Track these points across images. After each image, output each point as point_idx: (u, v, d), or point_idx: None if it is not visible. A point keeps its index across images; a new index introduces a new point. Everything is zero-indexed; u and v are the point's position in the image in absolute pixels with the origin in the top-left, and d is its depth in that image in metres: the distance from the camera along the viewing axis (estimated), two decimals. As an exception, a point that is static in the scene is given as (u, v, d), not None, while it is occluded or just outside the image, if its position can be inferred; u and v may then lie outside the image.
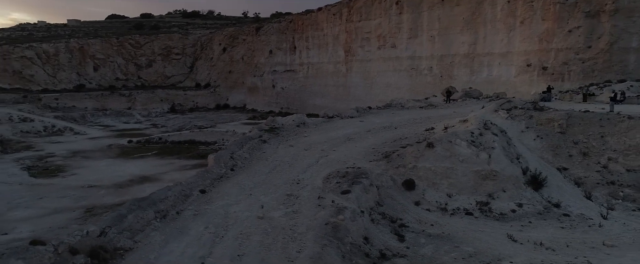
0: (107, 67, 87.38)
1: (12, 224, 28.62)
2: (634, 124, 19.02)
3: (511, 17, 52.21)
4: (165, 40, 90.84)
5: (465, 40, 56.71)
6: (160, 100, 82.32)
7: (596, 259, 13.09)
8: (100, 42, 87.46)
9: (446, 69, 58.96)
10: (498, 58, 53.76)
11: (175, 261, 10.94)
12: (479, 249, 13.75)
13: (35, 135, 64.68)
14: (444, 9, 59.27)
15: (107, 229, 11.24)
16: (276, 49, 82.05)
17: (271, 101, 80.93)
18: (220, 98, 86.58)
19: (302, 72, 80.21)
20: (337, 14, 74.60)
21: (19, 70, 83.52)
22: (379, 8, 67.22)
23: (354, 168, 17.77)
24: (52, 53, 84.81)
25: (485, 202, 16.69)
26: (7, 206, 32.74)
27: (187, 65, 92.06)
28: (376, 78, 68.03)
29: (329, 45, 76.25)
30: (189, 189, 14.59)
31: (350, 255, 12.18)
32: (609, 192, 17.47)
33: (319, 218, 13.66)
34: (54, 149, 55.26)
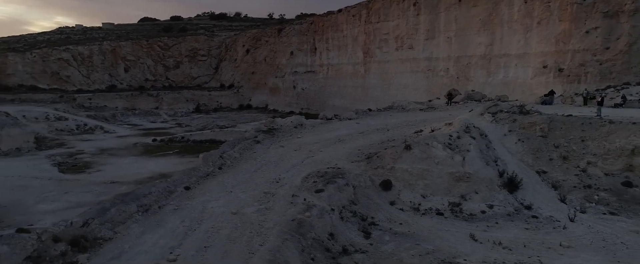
0: (137, 69, 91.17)
1: (38, 216, 31.03)
2: (614, 129, 19.22)
3: (528, 17, 51.77)
4: (191, 42, 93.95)
5: (481, 41, 56.50)
6: (186, 100, 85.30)
7: (548, 259, 13.74)
8: (131, 44, 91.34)
9: (462, 71, 58.86)
10: (514, 59, 53.36)
11: (147, 250, 12.34)
12: (438, 247, 14.63)
13: (68, 133, 68.46)
14: (461, 10, 59.18)
15: (90, 221, 12.60)
16: (297, 50, 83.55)
17: (292, 101, 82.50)
18: (243, 98, 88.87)
19: (322, 73, 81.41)
20: (356, 16, 75.39)
21: (56, 71, 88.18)
22: (397, 9, 67.63)
23: (334, 168, 18.79)
24: (86, 55, 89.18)
25: (457, 203, 17.42)
26: (35, 199, 35.40)
27: (213, 66, 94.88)
28: (393, 79, 68.47)
29: (348, 47, 77.16)
30: (173, 186, 15.95)
31: (310, 249, 13.26)
32: (584, 195, 17.84)
33: (288, 214, 14.83)
34: (84, 147, 58.57)
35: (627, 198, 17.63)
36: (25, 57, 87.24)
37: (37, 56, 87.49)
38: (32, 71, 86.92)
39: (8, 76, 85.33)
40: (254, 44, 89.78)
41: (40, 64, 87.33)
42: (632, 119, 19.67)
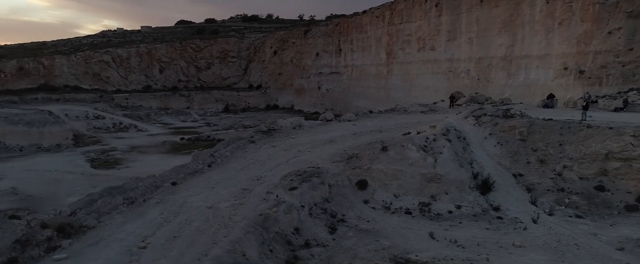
0: (171, 70, 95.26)
1: (66, 207, 33.83)
2: (591, 133, 19.44)
3: (550, 18, 50.94)
4: (222, 44, 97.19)
5: (503, 42, 55.95)
6: (216, 100, 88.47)
7: (496, 257, 14.53)
8: (166, 46, 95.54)
9: (483, 72, 58.42)
10: (536, 61, 52.57)
11: (123, 238, 14.07)
12: (396, 243, 15.67)
13: (105, 131, 72.78)
14: (483, 11, 58.74)
15: (78, 210, 14.44)
16: (322, 51, 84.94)
17: (316, 102, 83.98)
18: (270, 99, 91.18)
19: (347, 74, 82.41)
20: (379, 17, 75.93)
21: (97, 72, 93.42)
22: (419, 10, 67.73)
23: (314, 168, 20.02)
24: (124, 57, 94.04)
25: (427, 203, 18.30)
26: (66, 192, 38.54)
27: (242, 67, 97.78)
28: (415, 80, 68.59)
29: (372, 48, 77.79)
30: (161, 181, 17.67)
31: (271, 242, 14.61)
32: (555, 198, 18.26)
33: (257, 209, 16.23)
34: (117, 144, 62.34)
35: (598, 202, 17.93)
36: (70, 59, 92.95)
37: (81, 58, 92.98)
38: (76, 72, 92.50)
39: (55, 77, 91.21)
40: (281, 46, 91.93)
41: (83, 65, 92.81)
42: (610, 124, 19.79)
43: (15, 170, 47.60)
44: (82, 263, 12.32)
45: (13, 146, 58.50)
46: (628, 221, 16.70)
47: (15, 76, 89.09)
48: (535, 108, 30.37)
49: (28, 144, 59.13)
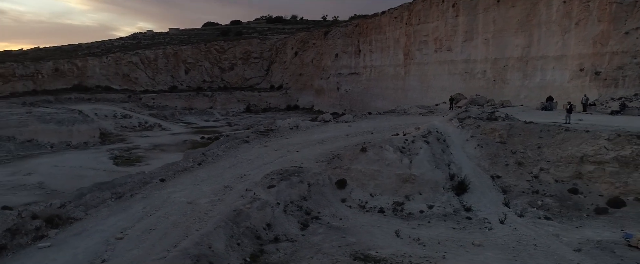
0: (196, 71, 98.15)
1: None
2: (568, 137, 19.57)
3: (567, 18, 50.15)
4: (245, 45, 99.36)
5: (519, 43, 55.33)
6: (238, 100, 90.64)
7: (452, 255, 15.17)
8: (191, 48, 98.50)
9: (499, 73, 57.87)
10: (552, 62, 51.80)
11: (104, 229, 15.46)
12: (360, 240, 16.51)
13: (131, 130, 75.86)
14: (500, 11, 58.21)
15: (67, 203, 15.92)
16: (342, 52, 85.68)
17: (335, 102, 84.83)
18: (290, 99, 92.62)
19: (366, 75, 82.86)
20: (398, 18, 75.98)
21: (127, 73, 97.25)
22: (436, 11, 67.53)
23: (296, 167, 21.03)
24: (152, 58, 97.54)
25: (401, 202, 19.00)
26: (87, 188, 40.69)
27: (264, 68, 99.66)
28: (432, 81, 68.39)
29: (390, 49, 77.94)
30: (150, 178, 19.05)
31: (240, 236, 15.70)
32: (529, 200, 18.59)
33: (233, 205, 17.35)
34: (140, 142, 65.03)
35: (569, 205, 18.14)
36: (102, 61, 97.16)
37: (111, 60, 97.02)
38: (107, 73, 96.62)
39: (88, 78, 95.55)
40: (301, 47, 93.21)
41: (113, 67, 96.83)
42: (587, 127, 19.87)
43: (44, 166, 50.50)
44: (63, 251, 13.75)
45: (45, 143, 61.91)
46: (595, 223, 16.89)
47: (52, 76, 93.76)
48: (534, 110, 30.27)
49: (58, 141, 62.44)
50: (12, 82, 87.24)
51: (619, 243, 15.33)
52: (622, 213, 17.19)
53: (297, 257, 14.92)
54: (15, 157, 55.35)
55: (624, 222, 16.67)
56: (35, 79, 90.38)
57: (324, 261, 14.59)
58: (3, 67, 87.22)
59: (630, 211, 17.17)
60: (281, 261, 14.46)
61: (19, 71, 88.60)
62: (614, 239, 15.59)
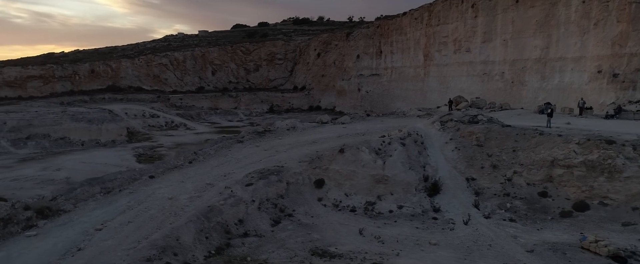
0: (222, 72, 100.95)
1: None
2: (542, 141, 19.71)
3: (585, 18, 49.01)
4: (270, 47, 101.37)
5: (537, 44, 54.35)
6: (261, 101, 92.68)
7: (406, 253, 15.94)
8: (218, 50, 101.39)
9: (517, 75, 56.96)
10: (570, 63, 50.70)
11: (87, 221, 16.99)
12: (324, 237, 17.46)
13: (157, 129, 79.06)
14: (518, 11, 57.31)
15: (58, 196, 17.56)
16: (363, 53, 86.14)
17: (356, 103, 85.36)
18: (313, 100, 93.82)
19: (386, 76, 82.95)
20: (418, 19, 75.71)
21: (157, 74, 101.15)
22: (456, 11, 66.97)
23: (278, 167, 22.08)
24: (181, 60, 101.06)
25: (373, 202, 19.78)
26: (108, 184, 43.16)
27: (288, 69, 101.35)
28: (451, 83, 67.81)
29: (411, 50, 77.73)
30: (139, 174, 20.57)
31: (209, 230, 16.92)
32: (499, 203, 18.93)
33: (209, 202, 18.57)
34: (164, 141, 67.86)
35: (537, 207, 18.37)
36: (134, 62, 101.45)
37: (143, 62, 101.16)
38: (138, 74, 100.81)
39: (121, 79, 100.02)
40: (324, 48, 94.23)
41: (145, 68, 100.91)
42: (561, 132, 19.93)
43: (73, 162, 53.69)
44: (46, 239, 15.35)
45: (76, 140, 65.64)
46: (556, 226, 17.08)
47: (88, 77, 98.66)
48: (531, 114, 30.12)
49: (88, 139, 66.04)
50: (52, 83, 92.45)
51: (573, 245, 15.54)
52: (585, 217, 17.29)
53: (259, 251, 15.96)
54: (49, 153, 59.10)
55: (585, 225, 16.79)
56: (73, 80, 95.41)
57: (283, 256, 15.56)
58: (44, 69, 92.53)
59: (593, 214, 17.24)
60: (243, 255, 15.53)
61: (58, 72, 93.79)
62: (571, 241, 15.81)
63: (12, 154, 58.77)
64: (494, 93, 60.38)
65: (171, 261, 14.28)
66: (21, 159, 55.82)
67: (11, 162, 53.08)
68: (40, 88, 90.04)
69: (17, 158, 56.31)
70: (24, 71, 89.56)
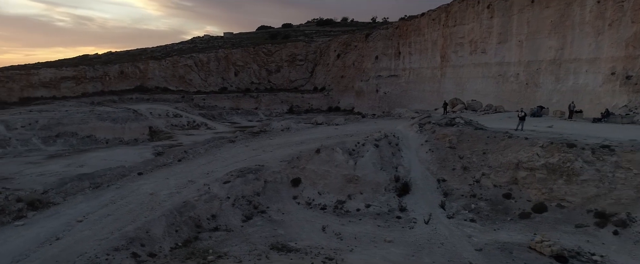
0: (245, 73, 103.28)
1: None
2: (510, 143, 19.99)
3: (600, 19, 48.01)
4: (291, 48, 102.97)
5: (552, 45, 53.45)
6: (281, 102, 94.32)
7: (360, 249, 16.79)
8: (241, 51, 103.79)
9: (532, 76, 56.11)
10: (585, 65, 49.70)
11: (72, 213, 18.57)
12: (288, 233, 18.46)
13: (179, 128, 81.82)
14: (534, 12, 56.46)
15: (49, 190, 19.24)
16: (382, 54, 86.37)
17: (374, 104, 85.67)
18: (332, 101, 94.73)
19: (404, 77, 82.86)
20: (436, 19, 75.32)
21: (182, 75, 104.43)
22: (472, 12, 66.37)
23: (259, 166, 23.17)
24: (205, 61, 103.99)
25: (343, 201, 20.63)
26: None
27: (309, 70, 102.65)
28: (466, 84, 67.24)
29: (428, 51, 77.40)
30: (129, 171, 22.10)
31: (180, 224, 18.18)
32: (465, 203, 19.40)
33: (185, 197, 19.86)
34: (184, 140, 70.26)
35: (500, 209, 18.73)
36: (161, 64, 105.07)
37: (169, 63, 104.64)
38: (165, 75, 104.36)
39: (148, 80, 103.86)
40: (344, 49, 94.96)
41: (171, 69, 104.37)
42: (528, 135, 20.13)
43: (95, 160, 56.59)
44: (31, 229, 17.01)
45: (101, 139, 68.96)
46: (513, 227, 17.42)
47: (118, 78, 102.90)
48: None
49: (112, 137, 69.25)
50: (84, 84, 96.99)
51: (523, 245, 15.92)
52: (541, 218, 17.52)
53: (223, 244, 17.10)
54: (75, 150, 62.50)
55: (540, 226, 17.06)
56: (104, 80, 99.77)
57: (244, 249, 16.64)
58: (76, 70, 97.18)
59: (550, 216, 17.45)
60: (207, 248, 16.70)
61: (89, 73, 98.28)
62: (522, 241, 16.17)
63: (42, 150, 62.48)
64: (509, 95, 59.70)
65: (137, 251, 15.59)
66: (50, 155, 59.30)
67: (40, 159, 56.49)
68: (72, 88, 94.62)
69: (46, 155, 59.84)
70: (58, 72, 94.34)
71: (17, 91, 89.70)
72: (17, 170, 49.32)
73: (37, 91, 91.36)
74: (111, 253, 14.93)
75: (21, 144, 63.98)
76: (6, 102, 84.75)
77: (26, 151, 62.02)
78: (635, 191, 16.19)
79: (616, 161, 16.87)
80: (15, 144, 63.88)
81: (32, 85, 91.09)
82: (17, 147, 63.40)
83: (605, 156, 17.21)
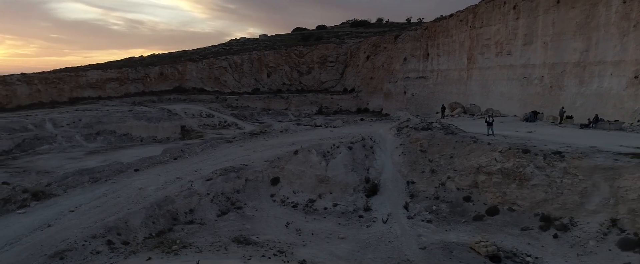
0: (277, 74, 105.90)
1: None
2: (475, 148, 20.44)
3: (625, 20, 46.31)
4: (322, 50, 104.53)
5: (577, 47, 51.85)
6: (311, 103, 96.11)
7: (314, 244, 18.10)
8: (273, 53, 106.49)
9: (556, 79, 54.59)
10: (609, 68, 48.01)
11: (67, 203, 20.89)
12: (253, 227, 20.01)
13: (211, 128, 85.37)
14: (559, 13, 54.94)
15: (52, 183, 21.69)
16: (410, 56, 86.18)
17: (402, 106, 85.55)
18: (361, 102, 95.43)
19: (432, 79, 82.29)
20: (464, 21, 74.32)
21: (217, 76, 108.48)
22: (498, 13, 65.16)
23: (242, 165, 24.79)
24: (239, 63, 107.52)
25: (314, 200, 21.93)
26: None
27: (339, 72, 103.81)
28: (492, 87, 66.04)
29: (456, 52, 76.51)
30: (126, 168, 24.30)
31: (158, 217, 20.07)
32: (427, 205, 20.15)
33: (168, 193, 21.77)
34: (214, 137, 73.16)
35: (458, 211, 19.34)
36: (198, 65, 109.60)
37: (206, 65, 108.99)
38: (201, 76, 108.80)
39: (186, 81, 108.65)
40: (373, 51, 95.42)
41: (207, 70, 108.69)
42: (491, 140, 20.49)
43: (128, 156, 60.29)
44: (30, 217, 19.41)
45: (136, 137, 73.40)
46: (465, 228, 18.00)
47: (158, 79, 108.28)
48: (516, 122, 29.99)
49: (147, 135, 73.53)
50: (127, 85, 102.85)
51: (466, 245, 16.54)
52: (492, 221, 17.96)
53: (192, 236, 18.81)
54: (112, 147, 67.08)
55: (489, 228, 17.54)
56: (145, 81, 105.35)
57: (209, 241, 18.28)
58: (120, 72, 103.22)
59: (500, 219, 17.86)
60: (176, 238, 18.45)
61: (132, 75, 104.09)
62: (466, 242, 16.79)
63: (83, 147, 67.49)
64: (533, 98, 58.37)
65: (113, 239, 17.58)
66: (90, 151, 64.03)
67: (81, 155, 61.17)
68: (116, 89, 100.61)
69: (87, 151, 64.65)
70: (104, 74, 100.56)
71: (67, 91, 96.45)
72: (59, 165, 53.80)
73: (84, 91, 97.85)
74: (89, 240, 16.96)
75: (66, 141, 69.39)
76: (57, 101, 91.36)
77: (70, 147, 67.29)
78: (580, 197, 16.35)
79: (565, 167, 17.05)
80: (60, 140, 69.38)
81: (80, 86, 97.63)
82: (62, 143, 68.84)
83: (555, 162, 17.41)
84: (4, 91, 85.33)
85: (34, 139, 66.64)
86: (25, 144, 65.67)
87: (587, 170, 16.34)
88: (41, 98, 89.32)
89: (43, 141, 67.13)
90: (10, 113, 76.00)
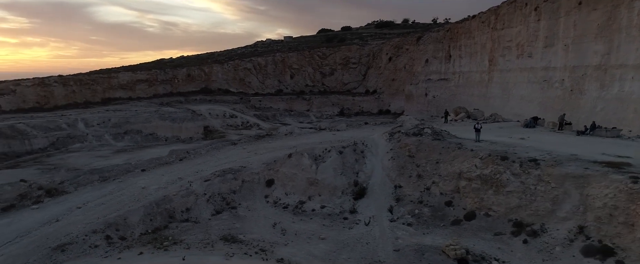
0: (300, 75, 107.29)
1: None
2: (459, 154, 20.84)
3: (647, 21, 44.88)
4: (345, 51, 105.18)
5: (598, 49, 50.65)
6: (332, 104, 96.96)
7: (294, 244, 19.07)
8: (297, 54, 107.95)
9: (577, 83, 53.41)
10: (631, 71, 46.75)
11: (75, 200, 22.62)
12: (243, 226, 21.19)
13: (233, 128, 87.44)
14: (581, 14, 53.76)
15: (65, 181, 23.50)
16: (432, 57, 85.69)
17: (422, 108, 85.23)
18: (383, 104, 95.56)
19: (454, 81, 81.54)
20: (485, 22, 73.37)
21: (242, 78, 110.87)
22: (520, 15, 64.12)
23: (240, 167, 26.01)
24: (263, 65, 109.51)
25: (304, 201, 22.90)
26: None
27: (361, 73, 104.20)
28: (513, 90, 64.95)
29: (477, 54, 75.59)
30: (133, 168, 25.91)
31: (155, 214, 21.51)
32: (410, 209, 20.76)
33: (167, 192, 23.21)
34: (234, 138, 75.08)
35: (439, 215, 19.85)
36: (224, 67, 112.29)
37: (231, 66, 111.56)
38: (227, 78, 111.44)
39: (212, 82, 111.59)
40: (395, 52, 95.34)
41: (232, 72, 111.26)
42: (475, 146, 20.82)
43: (150, 155, 62.69)
44: (42, 212, 21.18)
45: (161, 136, 76.17)
46: (442, 232, 18.50)
47: (185, 81, 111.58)
48: (516, 127, 29.95)
49: (171, 135, 76.23)
50: (155, 86, 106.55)
51: (439, 248, 17.08)
52: (468, 225, 18.36)
53: (184, 233, 20.11)
54: (138, 146, 69.96)
55: (464, 233, 17.98)
56: (173, 82, 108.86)
57: (199, 238, 19.53)
58: (149, 74, 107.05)
59: (476, 224, 18.24)
60: (169, 235, 19.79)
61: (160, 76, 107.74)
62: (440, 245, 17.32)
63: (111, 146, 70.71)
64: (553, 101, 57.26)
65: (111, 234, 19.06)
66: (117, 150, 67.06)
67: (108, 153, 64.20)
68: (145, 90, 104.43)
69: (114, 150, 67.73)
70: (134, 76, 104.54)
71: (100, 92, 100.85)
72: (87, 162, 56.75)
73: (116, 92, 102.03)
74: (89, 235, 18.48)
75: (95, 140, 72.85)
76: (90, 102, 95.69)
77: (99, 145, 70.64)
78: (552, 204, 16.58)
79: (539, 175, 17.29)
80: (90, 139, 72.90)
81: (112, 87, 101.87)
82: (92, 142, 72.31)
83: (530, 169, 17.67)
84: (42, 92, 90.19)
85: (67, 137, 70.31)
86: (59, 142, 69.44)
87: (559, 178, 16.58)
88: (76, 99, 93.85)
89: (75, 140, 70.72)
90: (48, 113, 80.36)
